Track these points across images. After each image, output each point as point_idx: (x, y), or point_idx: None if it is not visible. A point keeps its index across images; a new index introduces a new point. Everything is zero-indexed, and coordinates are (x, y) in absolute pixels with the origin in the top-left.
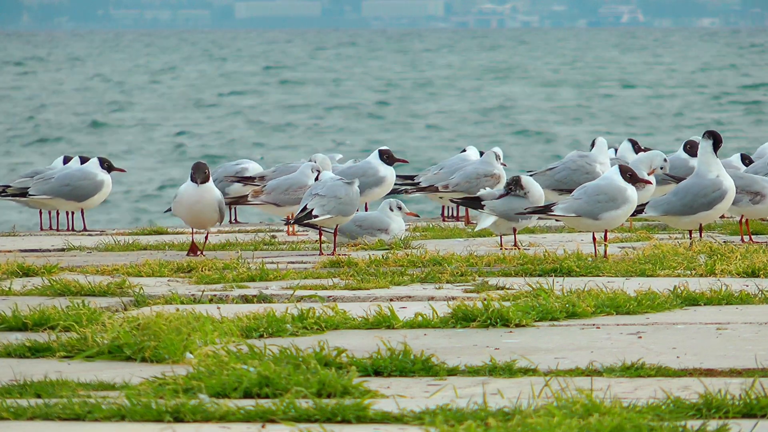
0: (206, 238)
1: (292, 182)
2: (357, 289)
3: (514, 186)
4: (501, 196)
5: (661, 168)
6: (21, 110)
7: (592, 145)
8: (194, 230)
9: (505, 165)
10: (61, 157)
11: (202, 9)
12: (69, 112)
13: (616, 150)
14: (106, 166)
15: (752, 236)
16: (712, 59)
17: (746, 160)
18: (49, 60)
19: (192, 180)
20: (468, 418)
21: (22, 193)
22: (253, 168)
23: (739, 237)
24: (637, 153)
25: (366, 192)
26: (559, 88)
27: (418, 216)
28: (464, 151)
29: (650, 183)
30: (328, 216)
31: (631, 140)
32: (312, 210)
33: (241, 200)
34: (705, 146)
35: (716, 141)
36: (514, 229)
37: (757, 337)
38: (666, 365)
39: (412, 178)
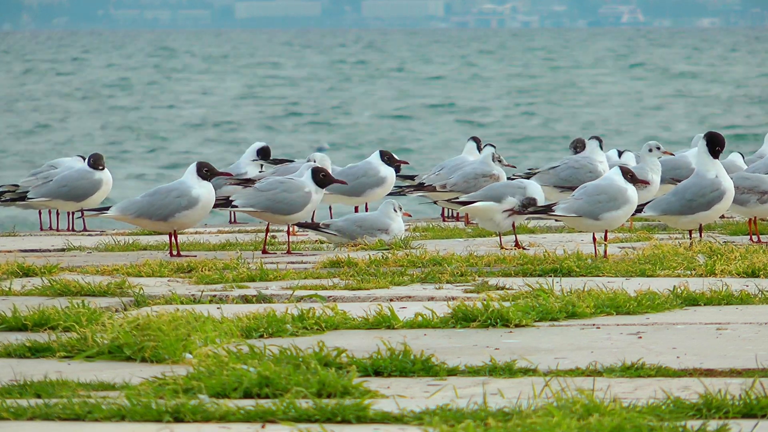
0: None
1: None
2: (357, 289)
3: (528, 205)
4: (513, 211)
5: (651, 150)
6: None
7: (574, 145)
8: (177, 231)
9: (514, 167)
10: (74, 157)
11: (202, 9)
12: None
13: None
14: (92, 161)
15: (759, 236)
16: None
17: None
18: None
19: (205, 179)
20: (468, 418)
21: (21, 196)
22: (252, 170)
23: (740, 236)
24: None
25: (366, 192)
26: None
27: (410, 216)
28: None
29: (649, 183)
30: (252, 209)
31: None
32: (233, 200)
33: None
34: (701, 146)
35: (713, 143)
36: (513, 225)
37: (757, 337)
38: (666, 365)
39: (413, 178)
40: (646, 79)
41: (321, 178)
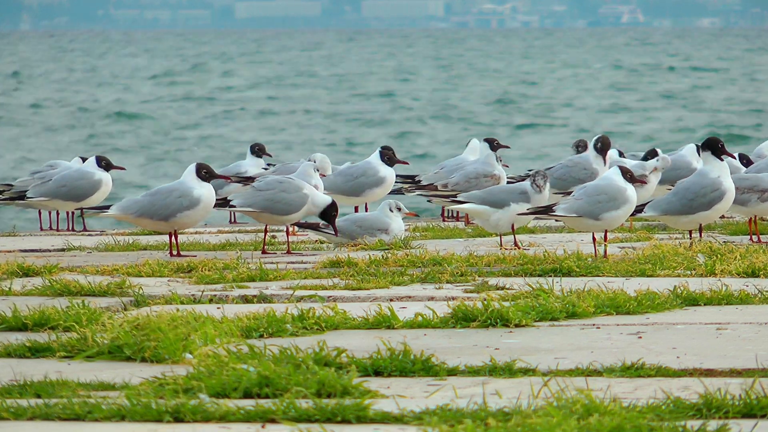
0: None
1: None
2: (357, 289)
3: (537, 179)
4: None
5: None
6: None
7: (576, 145)
8: (177, 231)
9: (507, 166)
10: (76, 158)
11: (202, 9)
12: None
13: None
14: (104, 164)
15: (760, 236)
16: None
17: (743, 159)
18: None
19: (204, 180)
20: (468, 418)
21: (20, 196)
22: (253, 169)
23: (740, 236)
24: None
25: (366, 192)
26: None
27: (418, 215)
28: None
29: (646, 182)
30: (250, 209)
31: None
32: (231, 200)
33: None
34: (706, 156)
35: (714, 148)
36: (513, 227)
37: (757, 337)
38: (666, 365)
39: (413, 177)
40: (615, 80)
41: (332, 216)
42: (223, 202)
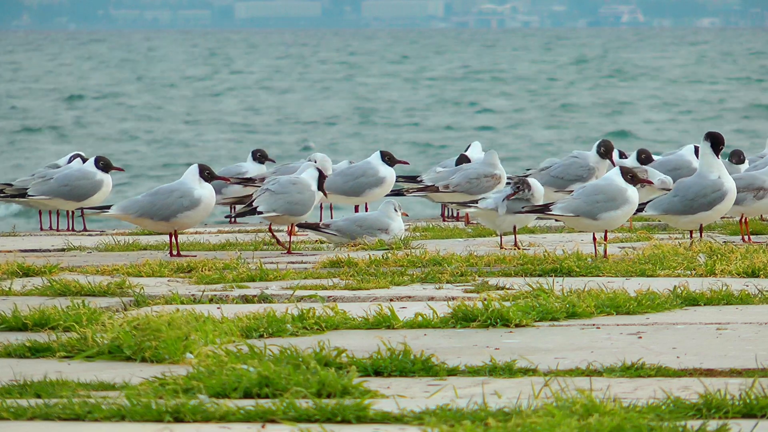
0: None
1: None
2: (357, 289)
3: (522, 186)
4: (508, 197)
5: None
6: None
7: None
8: (177, 231)
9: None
10: (67, 156)
11: (202, 9)
12: None
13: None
14: (102, 165)
15: (751, 236)
16: None
17: (734, 158)
18: None
19: (206, 181)
20: (468, 419)
21: (22, 194)
22: (253, 169)
23: (740, 237)
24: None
25: (366, 192)
26: None
27: (407, 215)
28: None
29: (651, 183)
30: (274, 213)
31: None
32: (257, 206)
33: (245, 199)
34: (704, 147)
35: (716, 142)
36: (515, 228)
37: (757, 337)
38: (666, 365)
39: (415, 178)
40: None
41: (321, 181)
42: (250, 210)
